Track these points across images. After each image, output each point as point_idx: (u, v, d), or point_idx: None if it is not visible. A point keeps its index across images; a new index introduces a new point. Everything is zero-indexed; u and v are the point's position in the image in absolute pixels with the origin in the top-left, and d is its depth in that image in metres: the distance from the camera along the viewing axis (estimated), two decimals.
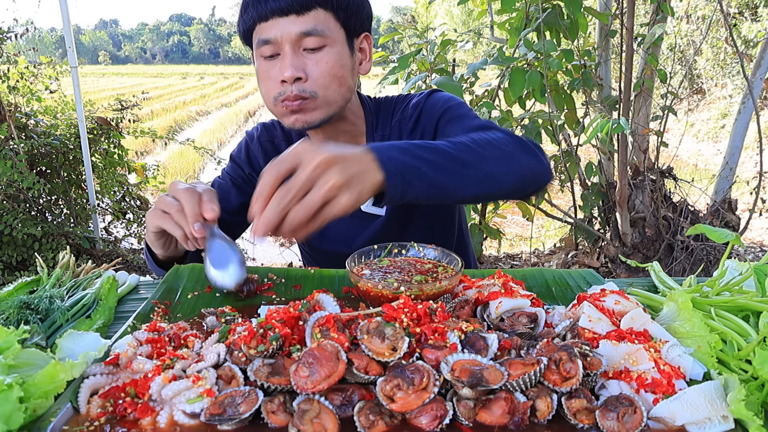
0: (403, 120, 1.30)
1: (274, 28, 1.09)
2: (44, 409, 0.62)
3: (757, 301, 0.81)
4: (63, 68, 4.03)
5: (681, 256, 3.52)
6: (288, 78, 1.09)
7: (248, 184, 1.39)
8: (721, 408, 0.61)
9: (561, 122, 3.23)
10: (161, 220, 0.97)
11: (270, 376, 0.64)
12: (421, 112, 1.29)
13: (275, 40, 1.10)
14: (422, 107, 1.29)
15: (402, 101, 1.34)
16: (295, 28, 1.08)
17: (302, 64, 1.11)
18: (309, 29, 1.09)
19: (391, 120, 1.32)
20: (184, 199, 0.94)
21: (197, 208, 0.94)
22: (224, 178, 1.40)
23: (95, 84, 27.68)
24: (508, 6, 2.91)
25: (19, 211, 3.36)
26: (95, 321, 0.91)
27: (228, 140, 12.05)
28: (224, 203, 1.36)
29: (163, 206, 0.96)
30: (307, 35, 1.09)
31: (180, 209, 0.94)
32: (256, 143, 1.37)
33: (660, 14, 3.22)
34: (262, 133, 1.38)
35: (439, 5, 11.48)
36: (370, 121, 1.32)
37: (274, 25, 1.09)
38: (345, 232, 1.32)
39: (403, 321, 0.71)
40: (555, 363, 0.65)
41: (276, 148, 1.37)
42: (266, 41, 1.11)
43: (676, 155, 5.66)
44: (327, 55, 1.12)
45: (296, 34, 1.09)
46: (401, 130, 1.30)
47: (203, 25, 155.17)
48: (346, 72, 1.16)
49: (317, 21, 1.10)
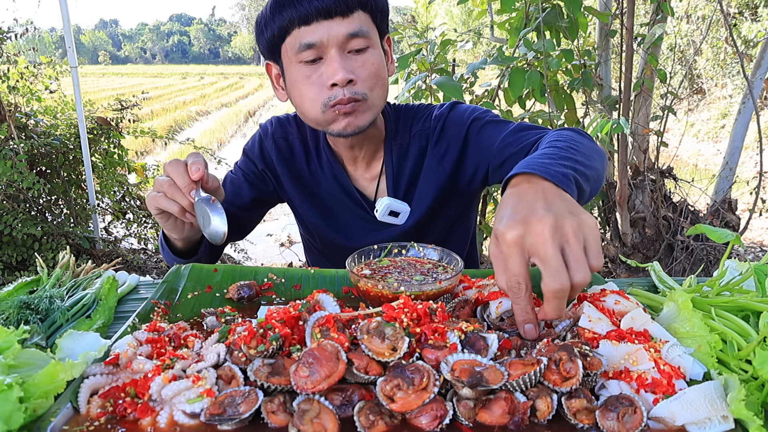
0: (425, 131, 1.29)
1: (319, 31, 1.06)
2: (44, 409, 0.62)
3: (757, 301, 0.80)
4: (63, 68, 4.03)
5: (681, 256, 3.52)
6: (340, 81, 1.07)
7: (260, 179, 1.37)
8: (721, 408, 0.61)
9: (561, 122, 3.22)
10: (156, 201, 0.99)
11: (270, 376, 0.64)
12: (445, 124, 1.28)
13: (320, 43, 1.07)
14: (446, 119, 1.28)
15: (423, 111, 1.33)
16: (342, 30, 1.06)
17: (351, 66, 1.09)
18: (355, 30, 1.07)
19: (410, 130, 1.31)
20: (172, 172, 0.96)
21: (186, 176, 0.95)
22: (236, 172, 1.39)
23: (95, 84, 27.68)
24: (508, 6, 2.91)
25: (19, 211, 3.36)
26: (95, 321, 0.91)
27: (228, 140, 12.05)
28: (236, 198, 1.36)
29: (157, 186, 0.99)
30: (353, 37, 1.08)
31: (171, 183, 0.96)
32: (270, 139, 1.35)
33: (660, 14, 3.22)
34: (276, 128, 1.36)
35: (439, 5, 11.48)
36: (390, 129, 1.30)
37: (318, 27, 1.06)
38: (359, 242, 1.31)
39: (403, 321, 0.71)
40: (555, 363, 0.65)
41: (290, 146, 1.35)
42: (310, 45, 1.07)
43: (676, 155, 5.66)
44: (372, 56, 1.11)
45: (344, 36, 1.07)
46: (422, 141, 1.30)
47: (203, 25, 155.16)
48: (386, 73, 1.16)
49: (361, 22, 1.09)
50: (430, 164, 1.29)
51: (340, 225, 1.36)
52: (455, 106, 1.30)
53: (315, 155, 1.34)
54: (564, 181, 0.80)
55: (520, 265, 0.70)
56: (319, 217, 1.37)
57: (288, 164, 1.35)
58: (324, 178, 1.33)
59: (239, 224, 1.38)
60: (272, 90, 1.25)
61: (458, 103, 1.33)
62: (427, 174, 1.29)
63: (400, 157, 1.30)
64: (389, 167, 1.30)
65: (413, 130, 1.31)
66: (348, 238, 1.34)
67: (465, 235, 1.44)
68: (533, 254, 0.70)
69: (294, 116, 1.36)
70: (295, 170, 1.35)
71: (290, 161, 1.35)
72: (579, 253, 0.68)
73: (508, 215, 0.72)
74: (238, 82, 32.79)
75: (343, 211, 1.35)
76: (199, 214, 0.97)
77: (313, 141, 1.34)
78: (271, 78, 1.24)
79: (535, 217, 0.70)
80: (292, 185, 1.35)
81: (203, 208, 0.95)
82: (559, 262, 0.68)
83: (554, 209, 0.71)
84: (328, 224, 1.37)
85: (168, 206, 0.98)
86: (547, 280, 0.68)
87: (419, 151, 1.30)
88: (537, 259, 0.69)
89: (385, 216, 1.25)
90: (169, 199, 0.98)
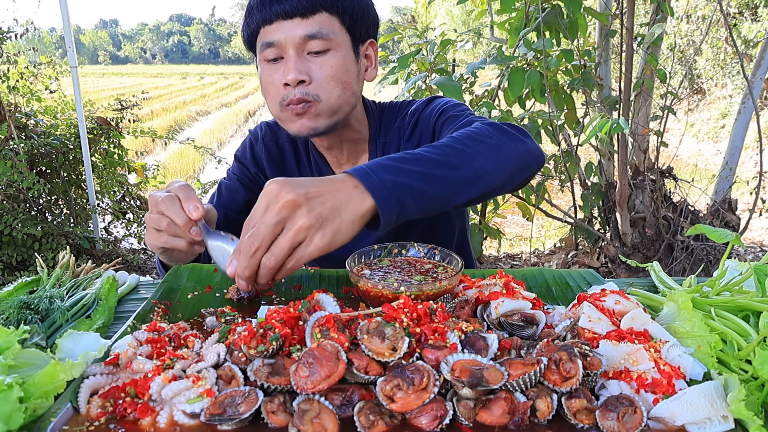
0: (402, 127, 1.29)
1: (278, 31, 1.08)
2: (44, 409, 0.62)
3: (757, 301, 0.80)
4: (63, 68, 4.03)
5: (681, 256, 3.52)
6: (291, 81, 1.08)
7: (254, 183, 1.38)
8: (721, 408, 0.61)
9: (561, 122, 3.23)
10: (160, 240, 0.95)
11: (270, 376, 0.64)
12: (419, 118, 1.27)
13: (279, 43, 1.08)
14: (420, 113, 1.28)
15: (404, 108, 1.33)
16: (299, 31, 1.07)
17: (306, 67, 1.09)
18: (313, 32, 1.08)
19: (392, 126, 1.31)
20: (168, 210, 0.91)
21: (183, 214, 0.91)
22: (230, 178, 1.39)
23: (95, 84, 27.68)
24: (508, 6, 2.91)
25: (19, 211, 3.36)
26: (95, 321, 0.91)
27: (228, 140, 12.05)
28: (232, 203, 1.36)
29: (154, 225, 0.94)
30: (311, 38, 1.08)
31: (170, 222, 0.92)
32: (260, 143, 1.36)
33: (660, 14, 3.22)
34: (266, 132, 1.37)
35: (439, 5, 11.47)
36: (373, 129, 1.30)
37: (278, 28, 1.08)
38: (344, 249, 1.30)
39: (403, 321, 0.71)
40: (555, 363, 0.65)
41: (280, 149, 1.35)
42: (270, 44, 1.09)
43: (676, 155, 5.66)
44: (331, 58, 1.11)
45: (300, 37, 1.07)
46: (400, 136, 1.29)
47: (203, 25, 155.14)
48: (351, 77, 1.15)
49: (322, 24, 1.09)
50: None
51: None
52: (432, 101, 1.29)
53: (305, 157, 1.35)
54: (381, 189, 0.80)
55: (273, 225, 0.77)
56: None
57: (279, 167, 1.36)
58: None
59: (237, 228, 1.38)
60: None
61: (437, 97, 1.31)
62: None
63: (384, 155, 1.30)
64: None
65: (394, 126, 1.30)
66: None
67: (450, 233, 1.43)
68: (284, 219, 0.77)
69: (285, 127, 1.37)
70: (286, 173, 1.36)
71: (281, 164, 1.36)
72: (285, 245, 0.76)
73: (306, 184, 0.78)
74: (238, 82, 32.79)
75: None
76: (217, 252, 0.91)
77: (303, 144, 1.35)
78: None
79: (315, 202, 0.77)
80: None
81: (221, 247, 0.90)
82: (267, 233, 0.76)
83: (328, 205, 0.77)
84: None
85: (176, 244, 0.94)
86: (245, 237, 0.78)
87: (397, 149, 1.29)
88: (261, 218, 0.77)
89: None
90: (173, 236, 0.94)
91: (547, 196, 3.40)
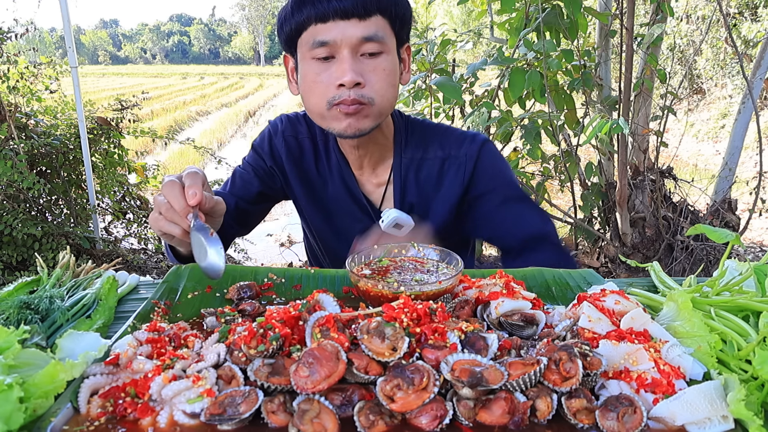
0: (452, 160, 1.29)
1: (334, 30, 1.07)
2: (44, 409, 0.62)
3: (757, 301, 0.80)
4: (63, 68, 4.03)
5: (681, 256, 3.53)
6: (348, 82, 1.07)
7: (269, 176, 1.37)
8: (721, 408, 0.61)
9: (561, 122, 3.23)
10: (159, 223, 0.96)
11: (270, 376, 0.64)
12: (475, 168, 1.28)
13: (334, 42, 1.07)
14: (477, 162, 1.28)
15: (446, 136, 1.31)
16: (357, 32, 1.06)
17: (361, 69, 1.09)
18: (370, 34, 1.07)
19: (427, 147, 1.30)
20: (168, 195, 0.93)
21: (182, 199, 0.91)
22: (246, 167, 1.38)
23: (95, 84, 27.67)
24: (508, 6, 2.91)
25: (19, 211, 3.36)
26: (95, 321, 0.91)
27: (228, 140, 12.05)
28: (245, 192, 1.36)
29: (157, 207, 0.96)
30: (367, 40, 1.07)
31: (169, 207, 0.93)
32: (279, 137, 1.35)
33: (660, 14, 3.22)
34: (286, 126, 1.36)
35: (439, 5, 11.47)
36: (399, 139, 1.30)
37: (334, 27, 1.07)
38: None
39: (403, 321, 0.71)
40: (555, 363, 0.65)
41: (299, 144, 1.34)
42: (323, 43, 1.08)
43: (676, 155, 5.66)
44: (384, 62, 1.11)
45: (357, 38, 1.07)
46: (445, 167, 1.29)
47: (203, 25, 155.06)
48: (397, 81, 1.15)
49: (378, 27, 1.08)
50: (449, 193, 1.29)
51: (342, 231, 1.36)
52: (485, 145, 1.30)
53: (324, 156, 1.33)
54: None
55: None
56: (323, 221, 1.37)
57: (296, 163, 1.34)
58: (331, 180, 1.33)
59: (246, 219, 1.38)
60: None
61: (486, 142, 1.31)
62: (445, 199, 1.29)
63: (414, 171, 1.30)
64: (398, 177, 1.30)
65: (432, 150, 1.30)
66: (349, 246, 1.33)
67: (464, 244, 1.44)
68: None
69: (303, 115, 1.35)
70: (303, 170, 1.34)
71: (299, 160, 1.35)
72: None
73: None
74: (238, 83, 32.77)
75: (347, 216, 1.35)
76: (196, 244, 0.90)
77: (322, 141, 1.33)
78: (287, 70, 1.24)
79: None
80: (299, 185, 1.35)
81: (200, 240, 0.88)
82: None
83: None
84: (331, 229, 1.37)
85: (170, 230, 0.95)
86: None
87: (439, 175, 1.29)
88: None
89: (390, 228, 1.24)
90: (169, 221, 0.95)
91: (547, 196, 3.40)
